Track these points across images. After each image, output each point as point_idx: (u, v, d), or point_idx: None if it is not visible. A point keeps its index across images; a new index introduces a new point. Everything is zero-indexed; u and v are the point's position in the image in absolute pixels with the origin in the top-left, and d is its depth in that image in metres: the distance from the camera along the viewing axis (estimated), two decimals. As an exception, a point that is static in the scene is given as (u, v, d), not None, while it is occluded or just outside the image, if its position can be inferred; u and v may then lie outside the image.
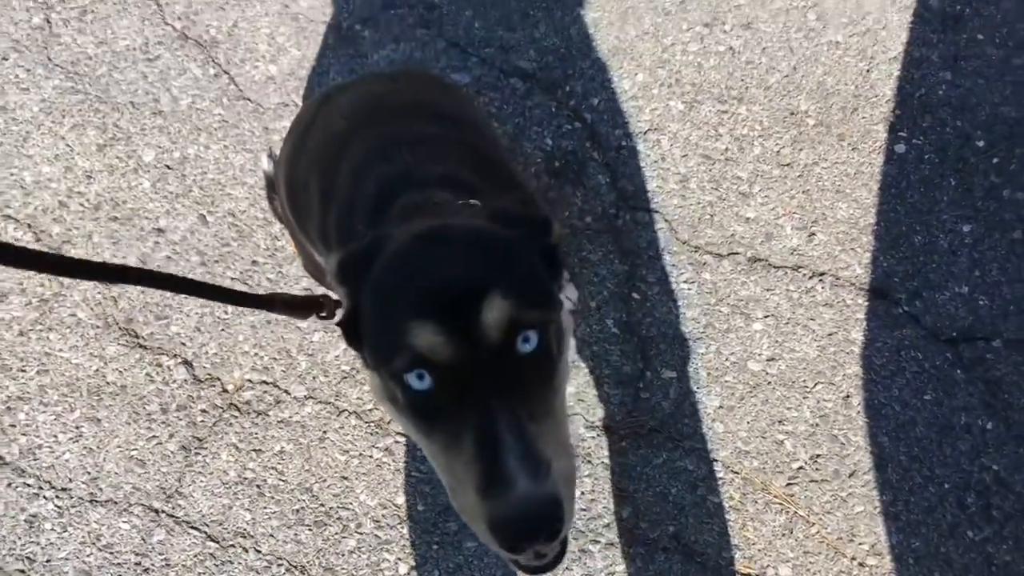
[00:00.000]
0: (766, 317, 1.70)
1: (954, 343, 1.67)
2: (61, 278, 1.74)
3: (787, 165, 1.79)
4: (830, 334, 1.69)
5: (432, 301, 0.68)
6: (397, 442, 1.65)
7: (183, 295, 0.85)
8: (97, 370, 1.70)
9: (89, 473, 1.65)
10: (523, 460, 0.63)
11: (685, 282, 1.73)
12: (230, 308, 1.73)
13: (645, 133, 1.83)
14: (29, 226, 1.78)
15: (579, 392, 1.66)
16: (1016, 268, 1.71)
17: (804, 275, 1.72)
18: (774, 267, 1.73)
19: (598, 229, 1.77)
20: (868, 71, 1.86)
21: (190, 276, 1.71)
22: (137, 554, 1.60)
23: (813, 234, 1.75)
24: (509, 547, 0.64)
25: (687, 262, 1.74)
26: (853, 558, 1.57)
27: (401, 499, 1.62)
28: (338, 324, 0.87)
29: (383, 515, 1.62)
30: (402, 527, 1.61)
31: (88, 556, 1.61)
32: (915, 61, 1.87)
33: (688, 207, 1.77)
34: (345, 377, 1.69)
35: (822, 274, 1.72)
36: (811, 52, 1.87)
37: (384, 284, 0.76)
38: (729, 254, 1.74)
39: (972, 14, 1.90)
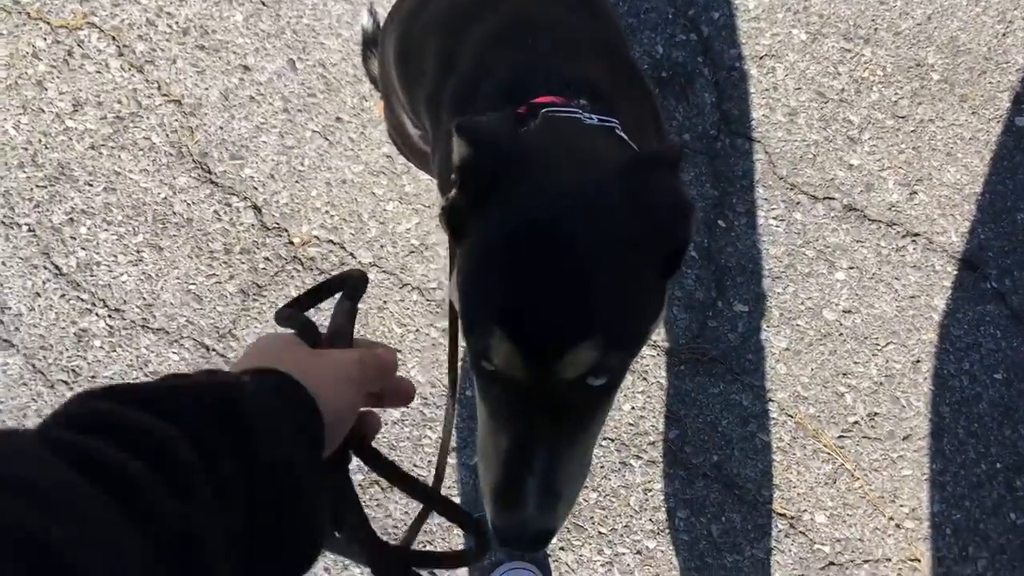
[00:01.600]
0: (850, 268, 1.65)
1: (1037, 328, 1.63)
2: (142, 102, 1.68)
3: (902, 117, 1.71)
4: (912, 296, 1.64)
5: (522, 323, 0.65)
6: (456, 325, 1.62)
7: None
8: (165, 198, 1.66)
9: (145, 299, 1.62)
10: (539, 492, 0.67)
11: (775, 218, 1.67)
12: (307, 161, 1.68)
13: (761, 58, 1.74)
14: (113, 39, 1.71)
15: (647, 308, 1.63)
16: (1115, 265, 1.65)
17: (898, 232, 1.67)
18: (869, 219, 1.67)
19: (695, 149, 1.70)
20: (1004, 35, 1.76)
21: (272, 121, 1.67)
22: (183, 386, 1.59)
23: (915, 193, 1.68)
24: (498, 542, 0.70)
25: (780, 198, 1.68)
26: (891, 518, 1.57)
27: (452, 381, 1.61)
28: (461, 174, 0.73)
29: (431, 393, 1.61)
30: (449, 408, 1.60)
31: (133, 379, 1.60)
32: (1055, 34, 1.77)
33: (792, 142, 1.70)
34: (413, 251, 1.65)
35: (916, 235, 1.67)
36: (949, 4, 1.77)
37: (492, 248, 0.69)
38: (825, 198, 1.68)
39: (1125, -5, 1.79)
